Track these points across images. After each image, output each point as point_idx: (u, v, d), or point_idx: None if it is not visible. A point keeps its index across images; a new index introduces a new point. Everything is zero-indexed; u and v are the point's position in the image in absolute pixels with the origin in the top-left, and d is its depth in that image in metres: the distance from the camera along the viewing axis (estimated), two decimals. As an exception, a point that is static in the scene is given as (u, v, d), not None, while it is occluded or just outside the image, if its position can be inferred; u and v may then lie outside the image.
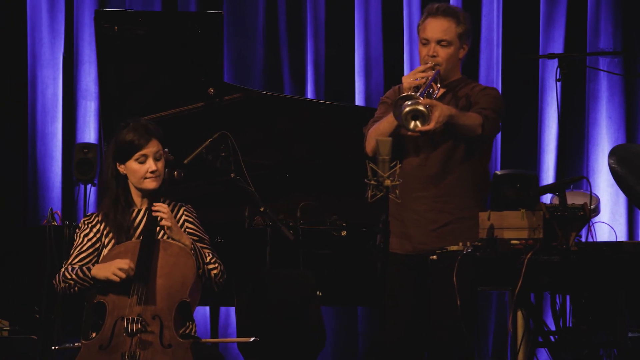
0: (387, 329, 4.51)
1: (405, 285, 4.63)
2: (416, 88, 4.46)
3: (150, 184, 4.47)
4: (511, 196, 4.69)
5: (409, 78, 4.54)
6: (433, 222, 4.62)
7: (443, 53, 4.64)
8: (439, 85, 4.63)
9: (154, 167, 4.45)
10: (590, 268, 4.25)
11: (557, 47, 7.39)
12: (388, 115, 4.51)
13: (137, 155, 4.44)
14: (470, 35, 4.74)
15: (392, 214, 4.52)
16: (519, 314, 4.39)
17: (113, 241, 4.47)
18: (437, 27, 4.64)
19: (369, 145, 4.62)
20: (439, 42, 4.63)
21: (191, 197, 4.93)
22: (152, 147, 4.46)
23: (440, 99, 4.66)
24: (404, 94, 4.38)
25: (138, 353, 4.17)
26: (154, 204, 4.43)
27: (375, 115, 4.76)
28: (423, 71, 4.56)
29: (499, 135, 7.22)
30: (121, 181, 4.51)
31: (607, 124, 7.39)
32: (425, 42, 4.65)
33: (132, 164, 4.46)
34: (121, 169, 4.50)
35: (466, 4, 7.51)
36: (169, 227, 4.39)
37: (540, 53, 7.39)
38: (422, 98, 4.33)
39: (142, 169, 4.46)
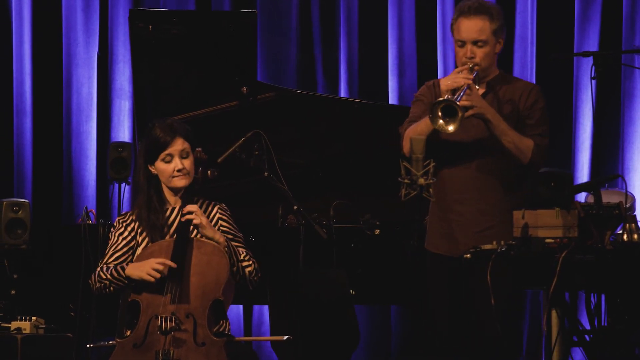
0: (431, 330, 4.49)
1: (448, 285, 4.59)
2: (453, 91, 4.39)
3: (179, 182, 4.48)
4: (546, 195, 4.65)
5: (447, 80, 4.47)
6: (476, 225, 4.56)
7: (480, 53, 4.54)
8: (477, 86, 4.53)
9: (180, 166, 4.45)
10: (625, 267, 4.22)
11: (592, 44, 7.34)
12: (425, 116, 4.43)
13: (162, 155, 4.45)
14: (504, 29, 4.63)
15: (434, 213, 4.45)
16: (554, 313, 4.36)
17: (147, 240, 4.49)
18: (472, 28, 4.53)
19: (407, 146, 4.53)
20: (475, 42, 4.53)
21: (225, 196, 4.94)
22: (177, 146, 4.45)
23: None
24: (441, 98, 4.34)
25: (172, 351, 4.19)
26: (184, 209, 4.44)
27: (410, 113, 4.69)
28: (461, 73, 4.46)
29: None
30: (153, 182, 4.52)
31: (642, 122, 7.35)
32: (461, 44, 4.55)
33: (160, 164, 4.47)
34: (152, 169, 4.51)
35: (500, 1, 7.47)
36: (201, 225, 4.40)
37: (575, 51, 7.34)
38: (459, 102, 4.29)
39: (169, 167, 4.46)
